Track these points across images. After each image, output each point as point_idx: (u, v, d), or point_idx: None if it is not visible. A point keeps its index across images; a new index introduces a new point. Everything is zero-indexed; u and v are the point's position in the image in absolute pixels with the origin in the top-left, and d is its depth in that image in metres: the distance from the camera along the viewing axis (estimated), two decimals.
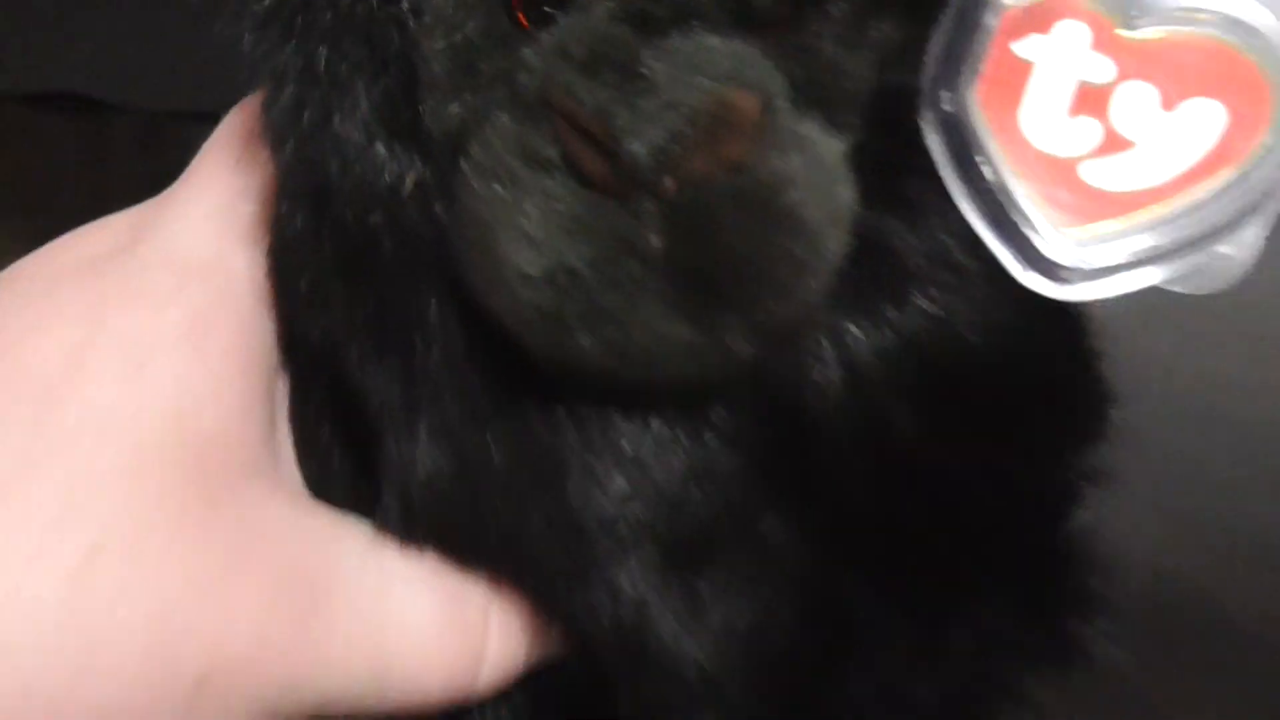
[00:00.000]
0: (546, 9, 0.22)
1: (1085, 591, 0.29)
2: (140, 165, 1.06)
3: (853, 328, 0.24)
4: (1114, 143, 0.24)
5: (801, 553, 0.26)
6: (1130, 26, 0.24)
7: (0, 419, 0.23)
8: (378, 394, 0.25)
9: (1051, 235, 0.23)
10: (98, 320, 0.24)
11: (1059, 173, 0.24)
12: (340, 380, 0.25)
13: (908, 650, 0.27)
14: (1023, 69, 0.24)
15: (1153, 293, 0.24)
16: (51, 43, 1.15)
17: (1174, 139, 0.24)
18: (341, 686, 0.25)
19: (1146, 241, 0.23)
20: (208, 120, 0.28)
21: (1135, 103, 0.24)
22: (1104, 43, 0.24)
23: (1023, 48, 0.24)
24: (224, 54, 0.24)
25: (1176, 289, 0.24)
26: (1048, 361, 0.27)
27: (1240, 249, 0.23)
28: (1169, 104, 0.24)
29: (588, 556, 0.25)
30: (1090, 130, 0.24)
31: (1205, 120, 0.24)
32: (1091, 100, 0.24)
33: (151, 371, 0.23)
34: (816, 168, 0.22)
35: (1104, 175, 0.24)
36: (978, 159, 0.23)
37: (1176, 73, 0.24)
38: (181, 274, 0.25)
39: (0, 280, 0.25)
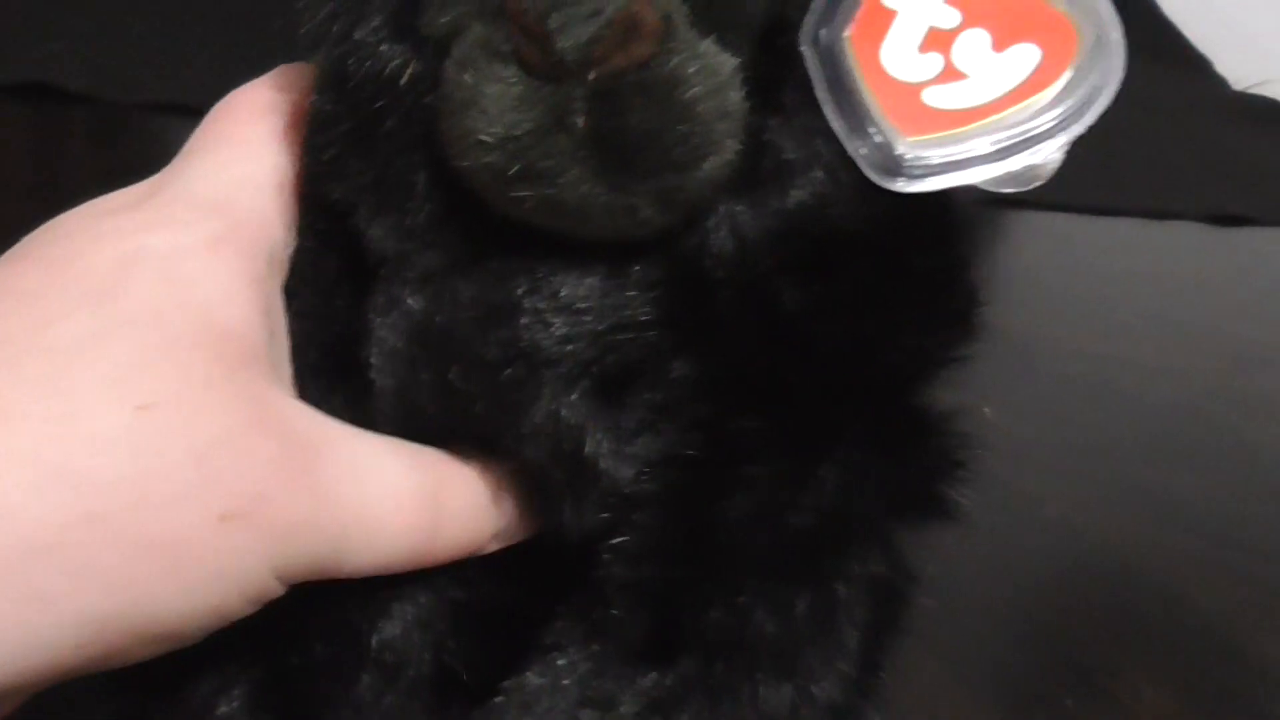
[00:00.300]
0: None
1: (947, 457, 0.36)
2: (95, 156, 1.14)
3: (742, 209, 0.31)
4: (951, 73, 0.31)
5: (702, 393, 0.33)
6: None
7: (69, 306, 0.28)
8: (378, 244, 0.33)
9: (897, 140, 0.30)
10: (137, 241, 0.30)
11: (907, 94, 0.31)
12: (353, 234, 0.33)
13: (783, 481, 0.33)
14: (888, 15, 0.31)
15: (1071, 281, 0.31)
16: (13, 34, 1.21)
17: (998, 72, 0.30)
18: (330, 538, 0.30)
19: (971, 150, 0.30)
20: (164, 111, 0.36)
21: (972, 44, 0.31)
22: None
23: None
24: (185, 47, 0.32)
25: (993, 190, 0.31)
26: (912, 252, 0.33)
27: (1045, 159, 0.30)
28: (999, 46, 0.31)
29: (535, 386, 0.32)
30: (934, 63, 0.31)
31: (1024, 59, 0.30)
32: (939, 41, 0.31)
33: (183, 276, 0.29)
34: (710, 74, 0.29)
35: (941, 98, 0.30)
36: (845, 80, 0.31)
37: (1007, 22, 0.31)
38: (201, 209, 0.31)
39: (42, 229, 0.31)
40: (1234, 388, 1.05)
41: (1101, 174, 1.45)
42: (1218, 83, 2.03)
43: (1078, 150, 0.31)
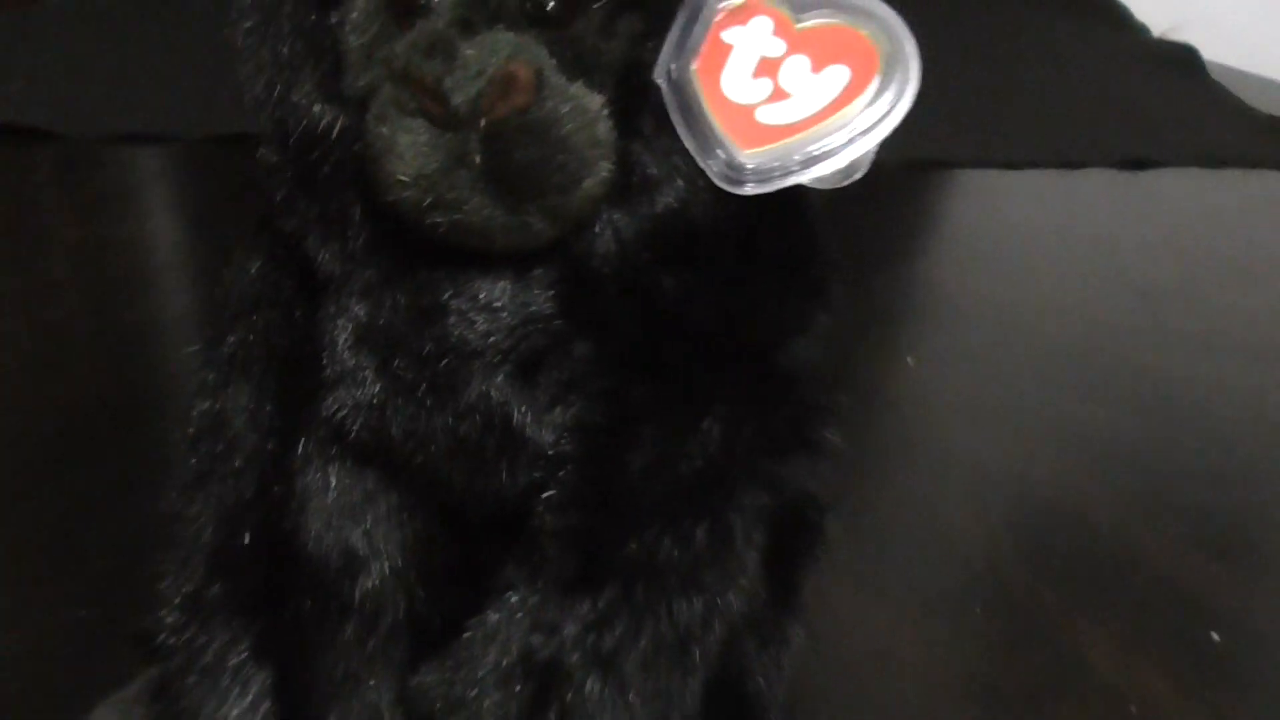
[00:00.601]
0: (412, 18, 0.36)
1: (811, 404, 0.43)
2: (65, 190, 1.19)
3: (619, 216, 0.38)
4: (779, 94, 0.38)
5: (601, 369, 0.40)
6: (798, 20, 0.38)
7: None
8: (326, 265, 0.40)
9: (737, 153, 0.37)
10: None
11: (744, 115, 0.38)
12: (303, 258, 0.40)
13: (674, 435, 0.41)
14: (725, 49, 0.38)
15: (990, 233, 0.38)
16: None
17: (816, 90, 0.38)
18: None
19: (799, 155, 0.37)
20: (129, 143, 0.43)
21: (795, 69, 0.38)
22: (781, 31, 0.38)
23: (728, 35, 0.38)
24: (152, 80, 0.39)
25: (822, 186, 0.38)
26: (763, 239, 0.40)
27: (858, 160, 0.37)
28: (817, 68, 0.38)
29: (466, 373, 0.40)
30: (765, 87, 0.38)
31: (836, 77, 0.38)
32: (768, 67, 0.38)
33: None
34: (581, 112, 0.36)
35: (772, 115, 0.38)
36: (693, 106, 0.38)
37: (823, 48, 0.38)
38: None
39: None
40: (1140, 324, 1.13)
41: (1017, 130, 1.53)
42: (1135, 30, 2.10)
43: (996, 109, 0.38)
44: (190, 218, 1.35)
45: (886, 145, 0.37)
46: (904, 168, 1.31)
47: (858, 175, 0.38)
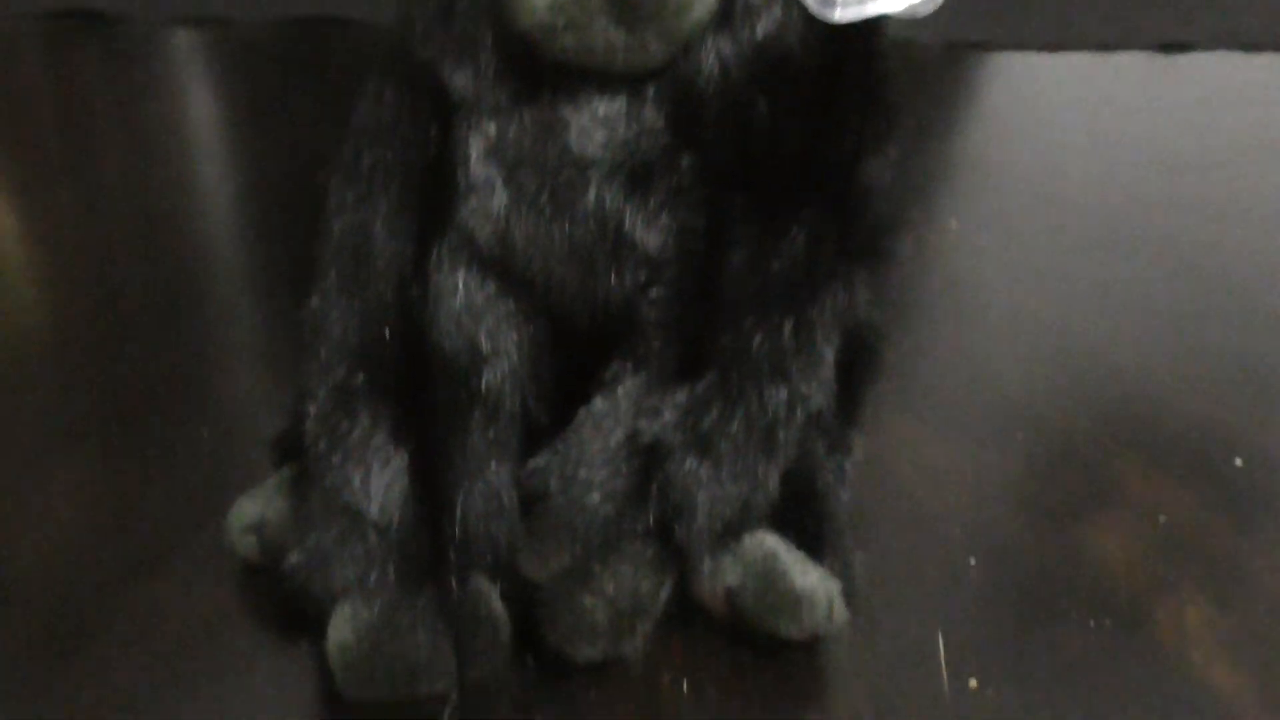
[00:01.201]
0: None
1: (887, 216, 0.49)
2: (123, 72, 1.21)
3: (723, 41, 0.44)
4: None
5: (703, 179, 0.46)
6: None
7: None
8: (458, 90, 0.45)
9: None
10: None
11: None
12: (438, 84, 0.45)
13: (765, 238, 0.46)
14: None
15: (1028, 111, 0.43)
16: None
17: None
18: None
19: None
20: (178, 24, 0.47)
21: None
22: None
23: None
24: None
25: (897, 14, 0.43)
26: (848, 66, 0.46)
27: None
28: None
29: (584, 183, 0.45)
30: None
31: None
32: None
33: None
34: None
35: None
36: None
37: None
38: None
39: None
40: (1170, 195, 1.18)
41: (1055, 13, 1.56)
42: None
43: None
44: (249, 101, 1.40)
45: (930, 28, 0.42)
46: (946, 49, 1.35)
47: (932, 8, 0.43)
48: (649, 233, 0.46)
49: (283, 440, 0.59)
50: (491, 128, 0.45)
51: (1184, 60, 1.51)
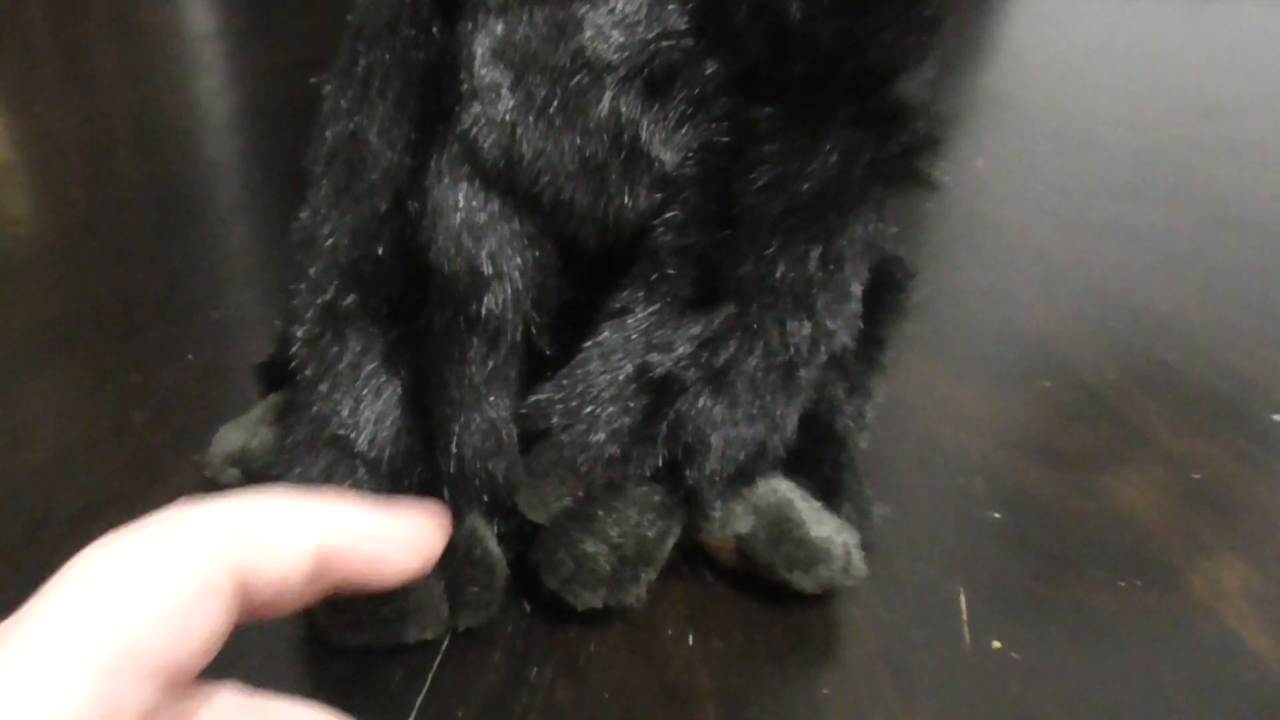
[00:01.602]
0: None
1: (924, 136, 0.45)
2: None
3: None
4: None
5: (729, 88, 0.42)
6: None
7: None
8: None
9: None
10: None
11: None
12: None
13: (793, 156, 0.42)
14: None
15: (1057, 50, 0.39)
16: None
17: None
18: None
19: None
20: None
21: None
22: None
23: None
24: None
25: None
26: None
27: None
28: None
29: (599, 88, 0.41)
30: None
31: None
32: None
33: None
34: None
35: None
36: None
37: None
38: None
39: None
40: (1195, 134, 1.14)
41: None
42: None
43: None
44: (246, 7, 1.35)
45: None
46: None
47: None
48: (667, 148, 0.42)
49: (269, 366, 0.55)
50: (499, 26, 0.41)
51: (1216, 6, 1.47)
